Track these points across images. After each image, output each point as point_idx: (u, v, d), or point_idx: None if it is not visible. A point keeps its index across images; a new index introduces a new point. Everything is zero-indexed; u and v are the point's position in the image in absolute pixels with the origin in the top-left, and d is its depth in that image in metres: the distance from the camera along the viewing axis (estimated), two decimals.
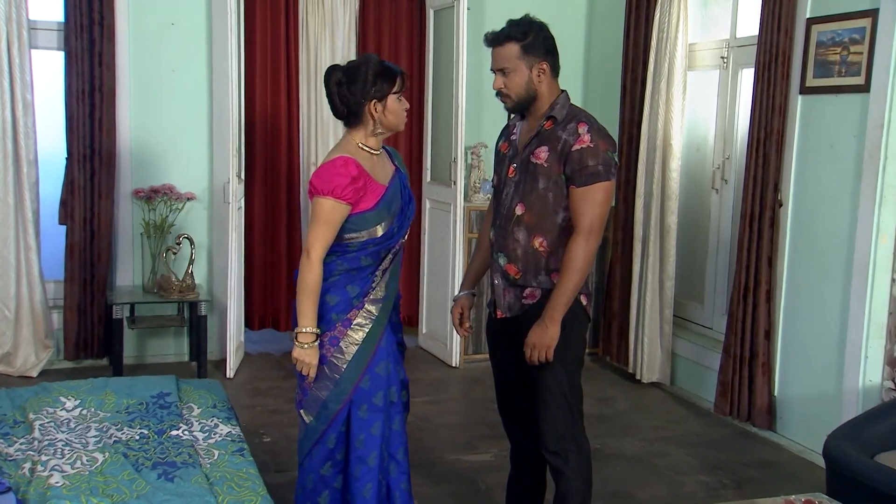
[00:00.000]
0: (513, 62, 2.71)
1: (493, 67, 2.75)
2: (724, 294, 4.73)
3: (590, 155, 2.65)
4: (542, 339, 2.66)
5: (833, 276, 3.88)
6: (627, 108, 5.08)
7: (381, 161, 2.71)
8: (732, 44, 4.66)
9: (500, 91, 2.76)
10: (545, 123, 2.75)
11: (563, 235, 2.71)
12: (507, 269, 2.80)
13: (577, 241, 2.66)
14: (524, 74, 2.72)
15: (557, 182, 2.70)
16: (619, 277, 5.19)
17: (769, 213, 4.11)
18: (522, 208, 2.76)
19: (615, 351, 5.27)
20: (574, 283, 2.66)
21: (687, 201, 5.01)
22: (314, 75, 5.64)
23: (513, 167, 2.81)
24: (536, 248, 2.75)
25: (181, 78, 5.02)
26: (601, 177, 2.66)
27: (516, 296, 2.81)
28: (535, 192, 2.73)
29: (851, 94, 3.75)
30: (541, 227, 2.73)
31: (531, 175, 2.74)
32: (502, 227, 2.81)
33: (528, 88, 2.73)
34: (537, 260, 2.75)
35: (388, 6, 5.71)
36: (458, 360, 5.31)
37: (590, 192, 2.66)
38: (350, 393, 2.66)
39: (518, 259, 2.77)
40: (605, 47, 5.55)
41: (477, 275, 3.08)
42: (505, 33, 2.71)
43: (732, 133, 4.68)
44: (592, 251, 2.68)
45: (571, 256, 2.65)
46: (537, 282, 2.77)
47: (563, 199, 2.71)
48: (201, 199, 5.12)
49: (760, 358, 4.16)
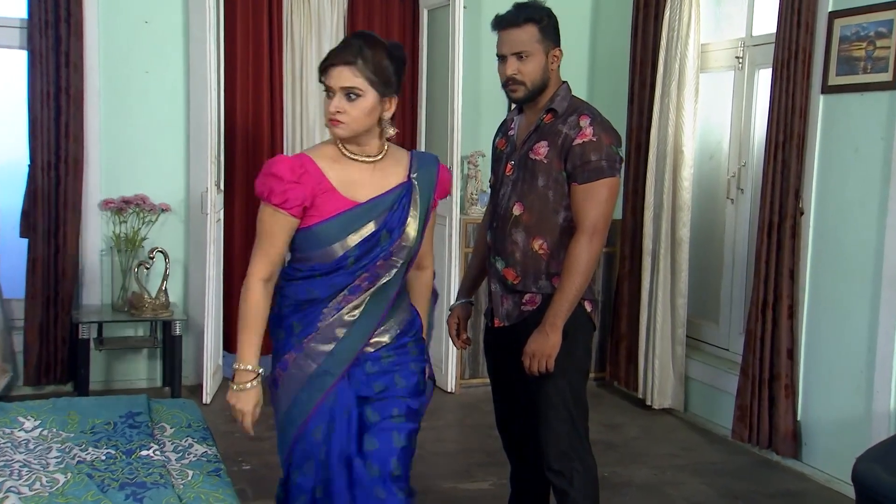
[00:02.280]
0: (531, 46, 2.68)
1: (507, 52, 2.70)
2: (741, 312, 4.69)
3: (592, 149, 2.63)
4: (543, 347, 2.62)
5: (860, 290, 3.84)
6: (635, 112, 5.07)
7: (378, 171, 2.35)
8: (748, 42, 4.65)
9: (513, 78, 2.70)
10: (545, 117, 2.74)
11: (564, 237, 2.69)
12: (505, 274, 2.77)
13: (579, 242, 2.63)
14: (541, 60, 2.70)
15: (558, 179, 2.67)
16: (628, 295, 5.15)
17: (790, 222, 4.08)
18: (521, 208, 2.73)
19: (623, 375, 5.22)
20: (576, 286, 2.63)
21: (700, 212, 4.98)
22: (299, 78, 5.61)
23: (510, 164, 2.78)
24: (536, 250, 2.72)
25: (155, 80, 5.00)
26: (605, 173, 2.64)
27: (515, 302, 2.78)
28: (535, 190, 2.70)
29: (878, 93, 3.73)
30: (540, 228, 2.70)
31: (530, 172, 2.71)
32: (499, 229, 2.78)
33: (543, 76, 2.72)
34: (537, 263, 2.72)
35: (379, 5, 5.69)
36: (455, 384, 5.25)
37: (593, 189, 2.63)
38: (287, 451, 2.39)
39: (516, 263, 2.74)
40: (611, 48, 5.55)
41: (474, 282, 3.05)
42: (524, 14, 2.69)
43: (749, 138, 4.67)
44: (596, 253, 2.65)
45: (573, 258, 2.62)
46: (537, 287, 2.73)
47: (565, 198, 2.68)
48: (177, 210, 5.07)
49: (783, 379, 4.11)
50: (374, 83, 2.26)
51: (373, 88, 2.26)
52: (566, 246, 2.68)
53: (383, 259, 2.34)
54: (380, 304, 2.37)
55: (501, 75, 2.76)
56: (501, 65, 2.75)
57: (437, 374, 5.29)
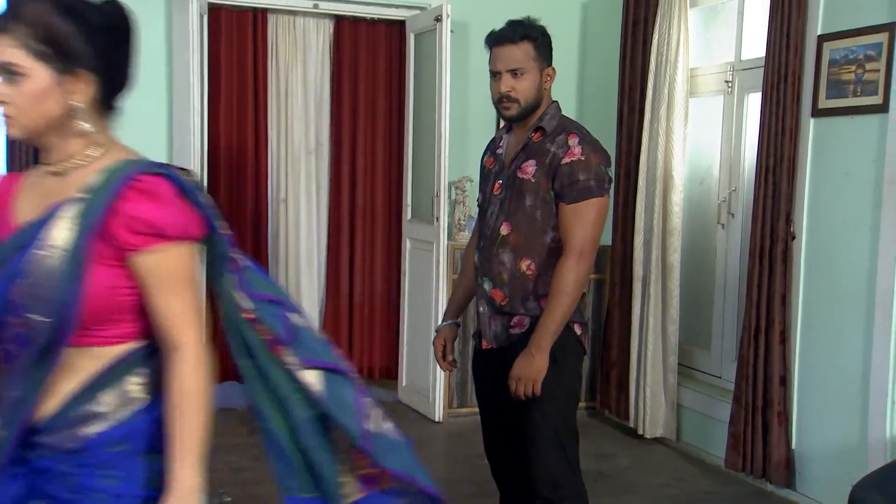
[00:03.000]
0: (526, 63, 2.69)
1: (502, 68, 2.70)
2: (734, 338, 4.66)
3: (581, 169, 2.62)
4: (528, 370, 2.60)
5: (853, 315, 3.83)
6: (625, 137, 5.08)
7: (57, 187, 1.67)
8: (737, 66, 4.67)
9: (507, 95, 2.70)
10: (533, 135, 2.74)
11: (552, 257, 2.68)
12: (493, 295, 2.75)
13: (566, 263, 2.62)
14: (535, 78, 2.71)
15: (546, 199, 2.67)
16: (618, 322, 5.13)
17: (781, 246, 4.07)
18: (508, 228, 2.72)
19: (614, 404, 5.17)
20: (563, 308, 2.61)
21: (691, 238, 4.98)
22: (284, 103, 5.63)
23: (498, 183, 2.78)
24: (523, 271, 2.70)
25: (137, 104, 4.85)
26: (593, 192, 2.63)
27: (503, 324, 2.76)
28: (522, 209, 2.69)
29: (868, 116, 3.74)
30: (528, 249, 2.69)
31: (517, 191, 2.70)
32: (486, 249, 2.77)
33: (536, 94, 2.72)
34: (525, 284, 2.70)
35: (366, 29, 5.72)
36: (442, 414, 5.20)
37: (581, 209, 2.63)
38: None
39: (504, 284, 2.72)
40: (600, 73, 5.57)
41: (461, 303, 3.03)
42: (521, 31, 2.70)
43: (739, 163, 4.67)
44: (584, 274, 2.64)
45: (560, 279, 2.61)
46: (525, 308, 2.71)
47: (552, 218, 2.67)
48: None
49: (775, 407, 4.08)
50: (42, 55, 1.58)
51: (41, 63, 1.59)
52: (554, 267, 2.66)
53: (13, 315, 1.60)
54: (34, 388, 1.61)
55: (494, 92, 2.75)
56: (495, 81, 2.75)
57: (423, 402, 5.30)
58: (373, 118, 5.77)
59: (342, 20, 5.65)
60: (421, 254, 5.41)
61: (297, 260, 5.64)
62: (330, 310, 5.79)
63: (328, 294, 5.80)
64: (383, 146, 5.79)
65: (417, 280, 5.46)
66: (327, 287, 5.81)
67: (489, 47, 2.76)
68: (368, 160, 5.79)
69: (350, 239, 5.81)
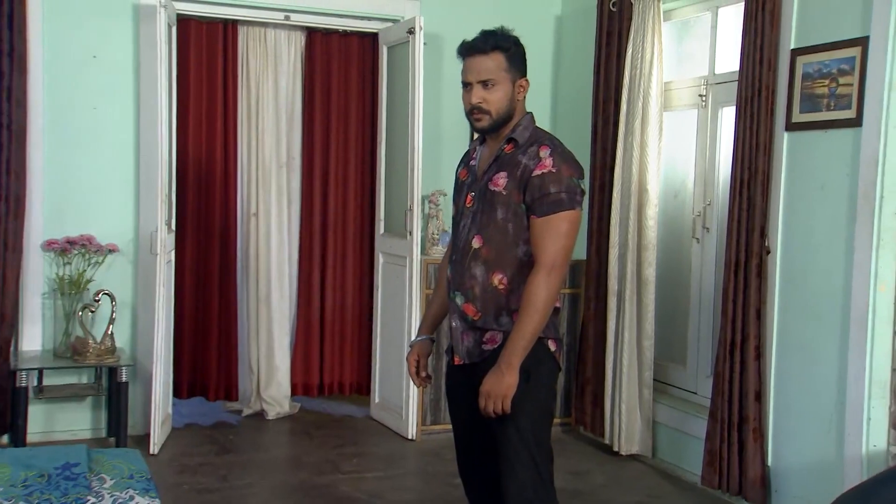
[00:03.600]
0: (498, 74, 2.67)
1: (473, 79, 2.68)
2: (709, 353, 4.65)
3: (552, 181, 2.61)
4: (497, 387, 2.57)
5: (829, 330, 3.83)
6: (599, 151, 5.07)
7: None
8: (711, 80, 4.68)
9: (478, 107, 2.68)
10: (505, 147, 2.72)
11: (524, 271, 2.65)
12: (465, 310, 2.72)
13: (537, 278, 2.59)
14: (507, 89, 2.69)
15: (517, 212, 2.65)
16: (593, 337, 5.10)
17: (756, 261, 4.07)
18: (480, 241, 2.70)
19: (589, 420, 5.14)
20: (534, 324, 2.59)
21: (665, 252, 4.97)
22: (255, 116, 5.59)
23: (471, 196, 2.76)
24: (496, 285, 2.68)
25: (104, 116, 4.92)
26: (564, 205, 2.61)
27: (476, 340, 2.73)
28: (494, 222, 2.67)
29: (842, 130, 3.75)
30: (500, 262, 2.67)
31: (489, 204, 2.68)
32: (459, 263, 2.75)
33: (508, 105, 2.70)
34: (497, 299, 2.68)
35: (338, 42, 5.70)
36: (415, 431, 5.14)
37: (552, 222, 2.61)
38: None
39: (476, 298, 2.70)
40: (574, 86, 5.57)
41: (436, 318, 3.00)
42: (492, 42, 2.67)
43: (713, 177, 4.68)
44: (555, 289, 2.61)
45: (530, 294, 2.59)
46: (498, 324, 2.69)
47: (524, 231, 2.66)
48: (125, 251, 4.96)
49: (751, 423, 4.06)
50: None
51: None
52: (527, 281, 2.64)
53: None
54: None
55: (466, 103, 2.73)
56: (466, 92, 2.73)
57: (396, 419, 5.25)
58: (345, 131, 5.75)
59: (314, 32, 5.63)
60: (394, 268, 5.37)
61: (267, 274, 5.58)
62: (301, 324, 5.74)
63: (299, 309, 5.75)
64: (356, 159, 5.77)
65: (390, 295, 5.42)
66: (298, 302, 5.75)
67: (461, 57, 2.74)
68: (340, 173, 5.75)
69: (322, 253, 5.77)
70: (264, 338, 5.57)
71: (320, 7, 5.34)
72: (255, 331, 5.58)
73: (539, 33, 5.64)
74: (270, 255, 5.60)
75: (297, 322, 5.75)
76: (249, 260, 5.60)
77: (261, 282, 5.58)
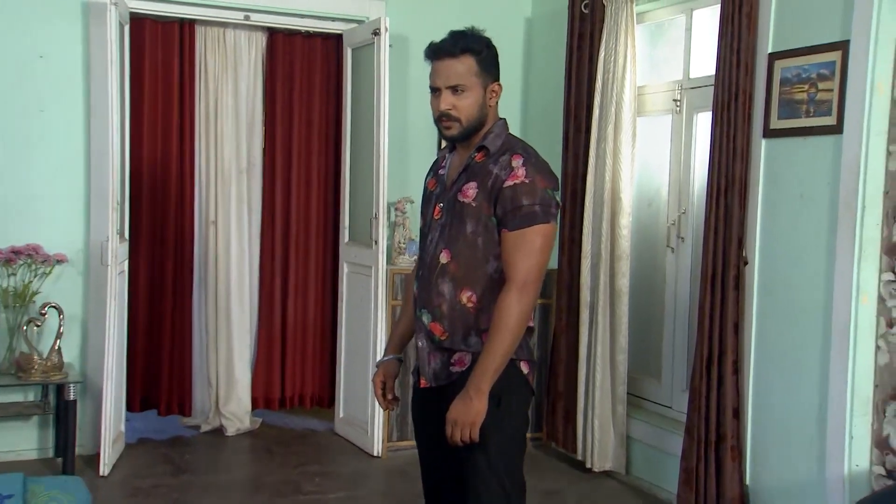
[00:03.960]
0: (468, 79, 2.51)
1: (442, 84, 2.52)
2: (684, 367, 4.53)
3: (524, 192, 2.46)
4: (465, 414, 2.41)
5: (809, 344, 3.70)
6: (571, 158, 4.95)
7: None
8: (686, 85, 4.57)
9: (448, 113, 2.52)
10: (476, 155, 2.57)
11: (495, 288, 2.50)
12: (432, 329, 2.57)
13: (508, 296, 2.44)
14: (478, 95, 2.54)
15: (487, 225, 2.50)
16: (565, 350, 4.97)
17: (733, 272, 3.94)
18: (448, 256, 2.54)
19: (561, 436, 5.00)
20: (505, 345, 2.43)
21: (639, 262, 4.85)
22: (213, 120, 5.39)
23: (439, 207, 2.61)
24: (464, 303, 2.52)
25: (51, 119, 4.69)
26: (538, 218, 2.46)
27: (443, 361, 2.57)
28: (463, 236, 2.52)
29: (822, 137, 3.63)
30: (469, 279, 2.52)
31: (458, 216, 2.53)
32: (425, 279, 2.59)
33: (480, 112, 2.55)
34: (466, 318, 2.52)
35: (301, 44, 5.52)
36: (381, 448, 4.97)
37: (524, 236, 2.45)
38: None
39: (443, 317, 2.54)
40: (544, 90, 5.44)
41: (404, 336, 2.83)
42: (462, 44, 2.51)
43: (688, 184, 4.56)
44: (528, 307, 2.46)
45: (501, 314, 2.43)
46: (467, 345, 2.53)
47: (495, 246, 2.50)
48: (74, 261, 4.73)
49: (729, 440, 3.93)
50: None
51: None
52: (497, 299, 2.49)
53: None
54: None
55: (434, 110, 2.57)
56: (434, 98, 2.56)
57: (361, 435, 5.07)
58: (308, 136, 5.58)
59: (276, 33, 5.46)
60: (359, 278, 5.20)
61: (227, 285, 5.38)
62: (263, 336, 5.55)
63: (261, 320, 5.57)
64: (319, 165, 5.60)
65: (355, 306, 5.24)
66: (260, 313, 5.57)
67: (429, 60, 2.58)
68: (303, 180, 5.58)
69: (284, 263, 5.59)
70: (224, 350, 5.37)
71: (282, 7, 5.15)
72: (214, 343, 5.38)
73: (508, 36, 5.50)
74: (230, 265, 5.40)
75: (258, 334, 5.56)
76: (208, 270, 5.39)
77: (220, 292, 5.37)
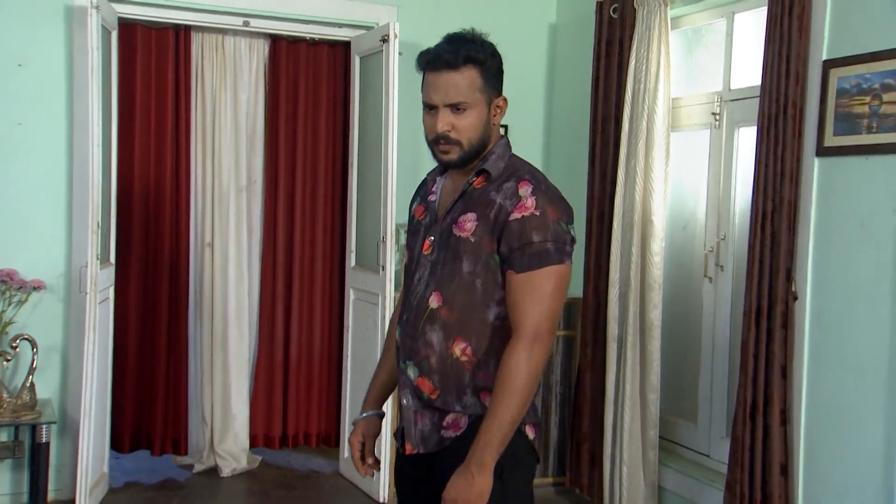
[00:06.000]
0: (471, 95, 2.14)
1: (440, 101, 2.15)
2: (724, 410, 4.15)
3: (535, 227, 2.09)
4: (467, 492, 2.04)
5: (871, 396, 3.27)
6: (597, 177, 4.60)
7: None
8: (726, 97, 4.20)
9: (446, 136, 2.15)
10: (474, 180, 2.19)
11: (496, 340, 2.14)
12: (420, 385, 2.20)
13: (516, 351, 2.06)
14: (482, 113, 2.17)
15: (489, 264, 2.13)
16: (590, 388, 4.59)
17: (781, 308, 3.54)
18: (439, 299, 2.17)
19: (586, 482, 4.62)
20: (512, 412, 2.06)
21: (673, 292, 4.48)
22: (210, 134, 5.07)
23: (429, 241, 2.24)
24: (457, 356, 2.15)
25: (31, 133, 4.37)
26: (551, 258, 2.09)
27: (433, 423, 2.20)
28: (458, 277, 2.15)
29: (887, 156, 3.21)
30: (463, 328, 2.15)
31: (453, 253, 2.16)
32: (411, 325, 2.21)
33: (483, 133, 2.18)
34: (459, 374, 2.15)
35: (306, 51, 5.18)
36: (387, 493, 4.60)
37: (535, 279, 2.09)
38: None
39: (433, 371, 2.17)
40: (569, 102, 5.10)
41: (385, 387, 2.47)
42: (464, 53, 2.13)
43: (729, 207, 4.18)
44: (539, 365, 2.08)
45: (509, 373, 2.05)
46: (462, 405, 2.16)
47: (498, 289, 2.14)
48: (54, 288, 4.40)
49: (776, 500, 3.50)
50: None
51: None
52: (498, 353, 2.11)
53: None
54: None
55: (429, 130, 2.20)
56: (429, 116, 2.19)
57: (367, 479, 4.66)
58: (313, 151, 5.23)
59: (279, 40, 5.13)
60: (365, 306, 4.82)
61: (223, 312, 5.03)
62: (262, 369, 5.19)
63: (260, 351, 5.21)
64: (325, 183, 5.26)
65: (361, 335, 4.87)
66: (259, 343, 5.21)
67: (422, 71, 2.20)
68: (308, 199, 5.24)
69: (286, 288, 5.24)
70: (219, 383, 5.02)
71: (284, 12, 4.80)
72: (210, 376, 5.03)
73: (531, 44, 5.19)
74: (227, 291, 5.05)
75: (257, 365, 5.19)
76: (203, 296, 5.04)
77: (216, 320, 5.02)
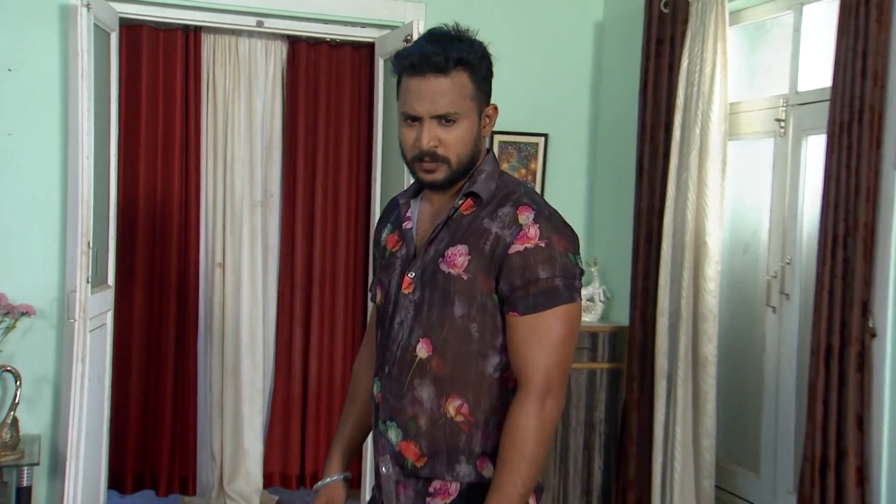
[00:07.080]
0: (462, 103, 1.86)
1: (426, 112, 1.85)
2: (791, 459, 3.78)
3: (540, 261, 1.81)
4: None
5: None
6: (645, 191, 4.33)
7: None
8: (793, 101, 3.86)
9: (433, 152, 1.85)
10: (461, 204, 1.89)
11: (496, 395, 1.88)
12: (403, 451, 1.90)
13: (524, 409, 1.80)
14: (472, 125, 1.88)
15: (486, 306, 1.85)
16: (637, 429, 4.29)
17: (856, 347, 3.18)
18: (429, 348, 1.88)
19: None
20: (524, 480, 1.79)
21: (731, 323, 4.17)
22: (223, 144, 4.88)
23: (409, 278, 1.93)
24: (451, 416, 1.88)
25: (21, 143, 4.17)
26: (560, 297, 1.82)
27: (417, 492, 1.91)
28: (449, 321, 1.86)
29: None
30: (458, 382, 1.88)
31: (441, 292, 1.87)
32: (394, 379, 1.92)
33: (474, 147, 1.90)
34: (454, 437, 1.87)
35: (327, 54, 4.95)
36: None
37: (543, 322, 1.82)
38: None
39: (421, 434, 1.88)
40: (615, 109, 4.82)
41: (352, 443, 2.17)
42: (455, 54, 1.83)
43: (795, 227, 3.85)
44: (552, 422, 1.82)
45: (518, 436, 1.80)
46: (454, 474, 1.88)
47: (498, 335, 1.87)
48: (46, 313, 4.16)
49: None
50: None
51: None
52: (499, 411, 1.86)
53: None
54: None
55: (411, 146, 1.89)
56: (408, 129, 1.89)
57: None
58: (335, 163, 5.00)
59: (297, 42, 4.92)
60: None
61: (235, 338, 4.80)
62: (278, 401, 4.94)
63: (277, 380, 4.97)
64: (347, 198, 5.02)
65: None
66: (276, 371, 4.97)
67: (399, 75, 1.90)
68: (329, 215, 5.00)
69: (304, 313, 4.99)
70: (230, 417, 4.78)
71: (301, 11, 4.52)
72: (220, 409, 4.81)
73: (573, 44, 4.91)
74: (240, 315, 4.82)
75: (272, 397, 4.96)
76: (213, 321, 4.83)
77: (227, 348, 4.81)
